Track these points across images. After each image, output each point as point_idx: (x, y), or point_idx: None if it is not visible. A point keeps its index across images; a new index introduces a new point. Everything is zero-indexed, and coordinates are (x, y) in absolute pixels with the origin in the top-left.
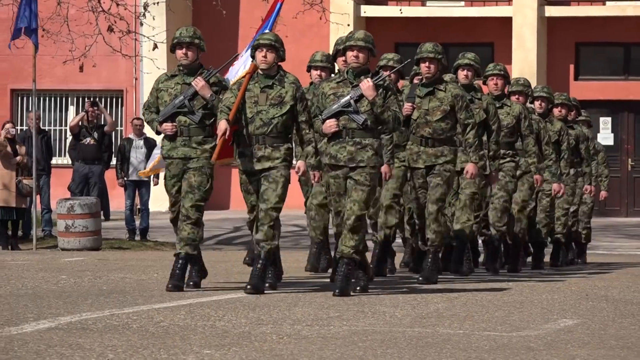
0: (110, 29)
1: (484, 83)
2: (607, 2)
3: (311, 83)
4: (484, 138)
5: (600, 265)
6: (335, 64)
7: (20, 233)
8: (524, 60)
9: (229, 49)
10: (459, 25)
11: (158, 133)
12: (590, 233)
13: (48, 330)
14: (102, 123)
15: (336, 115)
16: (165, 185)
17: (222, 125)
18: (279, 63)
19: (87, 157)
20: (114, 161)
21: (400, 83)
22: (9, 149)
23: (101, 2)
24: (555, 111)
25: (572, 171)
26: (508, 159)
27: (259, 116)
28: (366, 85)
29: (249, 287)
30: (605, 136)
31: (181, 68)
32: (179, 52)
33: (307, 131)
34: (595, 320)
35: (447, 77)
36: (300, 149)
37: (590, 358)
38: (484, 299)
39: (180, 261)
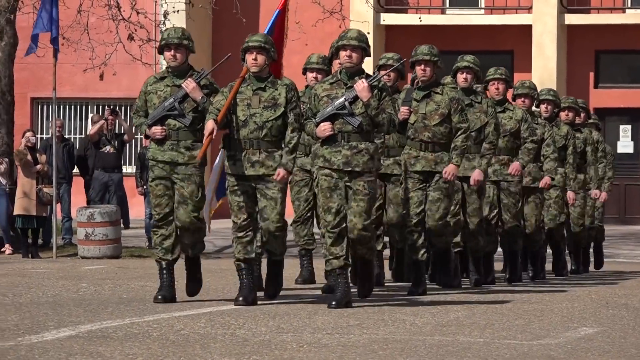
0: (130, 37)
1: (486, 88)
2: (627, 10)
3: (307, 86)
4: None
5: (621, 273)
6: (332, 67)
7: (40, 241)
8: (544, 68)
9: None
10: (479, 33)
11: (147, 137)
12: (603, 232)
13: (69, 338)
14: (122, 132)
15: (330, 118)
16: (150, 187)
17: (210, 125)
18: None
19: (106, 165)
20: (131, 169)
21: (400, 84)
22: (29, 157)
23: (121, 10)
24: (562, 115)
25: (580, 177)
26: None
27: (252, 119)
28: (361, 86)
29: (240, 298)
30: (625, 144)
31: (170, 70)
32: (167, 54)
33: (291, 134)
34: (615, 328)
35: (446, 79)
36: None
37: None
38: (503, 307)
39: (168, 269)
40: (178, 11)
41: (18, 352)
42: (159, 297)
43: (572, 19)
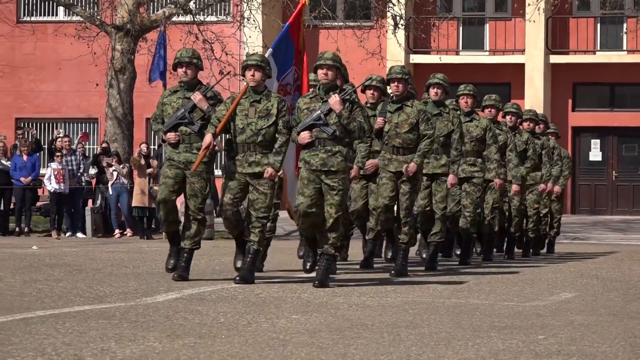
0: (220, 73)
1: (456, 101)
2: (597, 52)
3: (366, 102)
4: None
5: (594, 253)
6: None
7: (153, 226)
8: (534, 96)
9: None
10: (484, 69)
11: (163, 141)
12: (560, 227)
13: (175, 300)
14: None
15: (309, 127)
16: (164, 170)
17: (207, 139)
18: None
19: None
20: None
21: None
22: (142, 162)
23: (214, 52)
24: (525, 124)
25: (538, 174)
26: (478, 168)
27: (249, 127)
28: (334, 100)
29: (237, 278)
30: (595, 154)
31: (182, 84)
32: (180, 71)
33: (280, 138)
34: (588, 293)
35: (448, 101)
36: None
37: (585, 322)
38: (503, 277)
39: (185, 255)
40: (257, 52)
41: (137, 310)
42: (176, 275)
43: (555, 59)
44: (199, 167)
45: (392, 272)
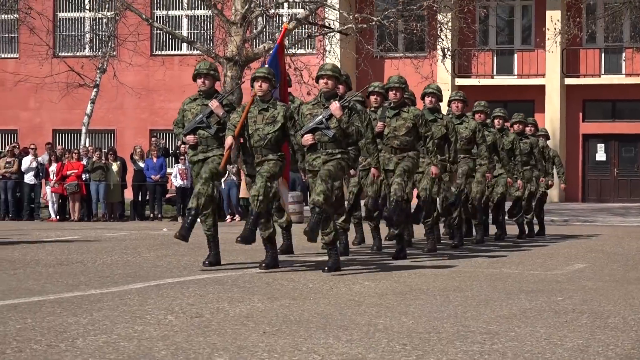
0: (308, 93)
1: (448, 105)
2: (602, 76)
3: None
4: (446, 147)
5: (600, 232)
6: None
7: None
8: (552, 111)
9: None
10: (513, 90)
11: (183, 143)
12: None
13: (273, 270)
14: None
15: (312, 131)
16: (193, 171)
17: (229, 141)
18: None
19: (293, 169)
20: None
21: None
22: None
23: (302, 77)
24: (515, 127)
25: (527, 169)
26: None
27: (257, 132)
28: (334, 106)
29: (239, 238)
30: (601, 155)
31: (200, 93)
32: (199, 81)
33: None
34: (596, 264)
35: (468, 113)
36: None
37: (594, 287)
38: (530, 251)
39: (189, 217)
40: (264, 66)
41: (244, 278)
42: (178, 234)
43: (569, 81)
44: (214, 161)
45: (425, 249)
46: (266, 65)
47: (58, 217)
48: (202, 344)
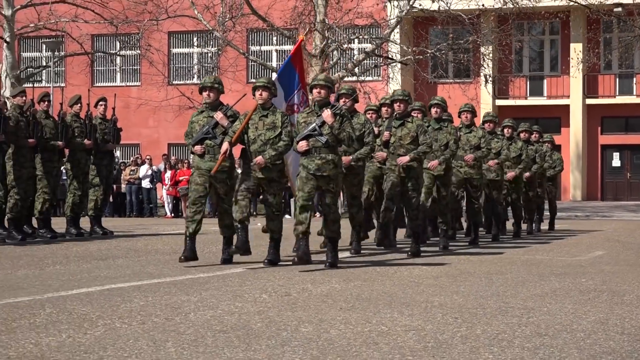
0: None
1: (459, 116)
2: (617, 96)
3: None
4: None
5: (616, 225)
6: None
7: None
8: (576, 126)
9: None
10: (543, 109)
11: (192, 153)
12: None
13: (348, 257)
14: None
15: (306, 137)
16: (192, 176)
17: (224, 147)
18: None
19: None
20: None
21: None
22: None
23: (370, 99)
24: (522, 135)
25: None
26: (476, 170)
27: (259, 138)
28: (326, 114)
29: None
30: (616, 162)
31: (206, 105)
32: (205, 94)
33: (280, 142)
34: (613, 251)
35: (498, 130)
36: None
37: (612, 270)
38: (558, 241)
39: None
40: (264, 76)
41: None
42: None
43: (589, 101)
44: (222, 175)
45: (441, 246)
46: (266, 76)
47: (172, 214)
48: (291, 318)
